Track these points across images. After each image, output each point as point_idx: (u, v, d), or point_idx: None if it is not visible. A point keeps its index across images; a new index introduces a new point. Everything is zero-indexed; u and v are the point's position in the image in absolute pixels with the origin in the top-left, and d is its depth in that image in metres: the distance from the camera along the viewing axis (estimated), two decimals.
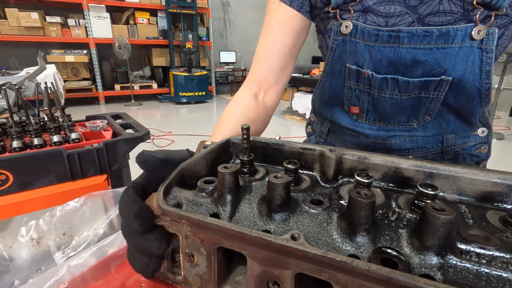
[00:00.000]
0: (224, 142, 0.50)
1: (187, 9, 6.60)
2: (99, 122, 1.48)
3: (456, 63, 0.58)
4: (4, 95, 1.26)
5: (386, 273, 0.24)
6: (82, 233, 0.54)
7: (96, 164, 1.24)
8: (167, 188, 0.38)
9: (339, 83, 0.72)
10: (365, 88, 0.68)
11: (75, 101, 5.95)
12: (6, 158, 1.07)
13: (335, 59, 0.70)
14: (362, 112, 0.73)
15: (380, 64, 0.63)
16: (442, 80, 0.60)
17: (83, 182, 1.22)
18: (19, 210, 1.12)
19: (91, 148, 1.22)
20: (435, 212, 0.27)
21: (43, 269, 0.49)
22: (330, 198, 0.39)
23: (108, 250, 0.48)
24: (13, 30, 5.41)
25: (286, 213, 0.35)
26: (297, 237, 0.28)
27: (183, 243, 0.36)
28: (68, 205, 0.58)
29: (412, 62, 0.60)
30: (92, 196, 0.60)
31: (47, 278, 0.42)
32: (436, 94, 0.63)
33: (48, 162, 1.14)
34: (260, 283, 0.32)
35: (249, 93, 0.75)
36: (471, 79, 0.59)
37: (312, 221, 0.34)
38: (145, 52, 7.17)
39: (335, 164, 0.42)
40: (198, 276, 0.37)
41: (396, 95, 0.66)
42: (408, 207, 0.36)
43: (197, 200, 0.38)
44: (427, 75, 0.61)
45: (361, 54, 0.64)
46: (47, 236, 0.53)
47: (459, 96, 0.62)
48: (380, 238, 0.31)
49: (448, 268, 0.28)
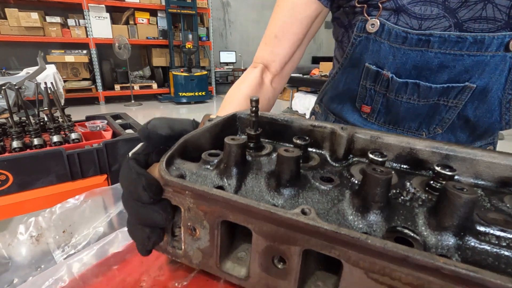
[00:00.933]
0: (230, 116, 0.48)
1: (187, 9, 6.60)
2: (99, 122, 1.49)
3: (485, 71, 0.56)
4: (4, 95, 1.26)
5: (402, 251, 0.22)
6: (82, 231, 0.54)
7: (96, 164, 1.24)
8: (169, 159, 0.36)
9: (355, 79, 0.70)
10: (382, 89, 0.66)
11: (75, 101, 5.94)
12: (6, 158, 1.07)
13: (355, 56, 0.67)
14: (373, 112, 0.71)
15: (403, 68, 0.61)
16: (465, 86, 0.58)
17: (83, 182, 1.23)
18: (19, 210, 1.13)
19: (91, 148, 1.23)
20: (457, 191, 0.26)
21: (43, 267, 0.50)
22: (341, 176, 0.38)
23: (109, 249, 0.49)
24: (13, 30, 5.41)
25: (295, 189, 0.34)
26: (308, 212, 0.27)
27: (185, 216, 0.34)
28: (68, 203, 0.58)
29: (439, 68, 0.58)
30: (92, 194, 0.60)
31: (46, 276, 0.42)
32: (456, 102, 0.61)
33: (48, 162, 1.14)
34: (265, 259, 0.31)
35: (256, 72, 0.73)
36: (494, 88, 0.57)
37: (322, 198, 0.33)
38: (145, 52, 7.17)
39: (346, 142, 0.41)
40: (200, 250, 0.35)
41: (413, 100, 0.64)
42: (422, 188, 0.35)
43: (201, 173, 0.36)
44: (451, 81, 0.59)
45: (384, 56, 0.61)
46: (47, 233, 0.53)
47: (479, 108, 0.60)
48: (394, 217, 0.30)
49: (466, 250, 0.27)
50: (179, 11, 6.53)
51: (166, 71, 6.96)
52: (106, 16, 6.08)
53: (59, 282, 0.42)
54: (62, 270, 0.43)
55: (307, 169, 0.39)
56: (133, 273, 0.44)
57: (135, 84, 6.63)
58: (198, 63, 7.13)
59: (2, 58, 5.81)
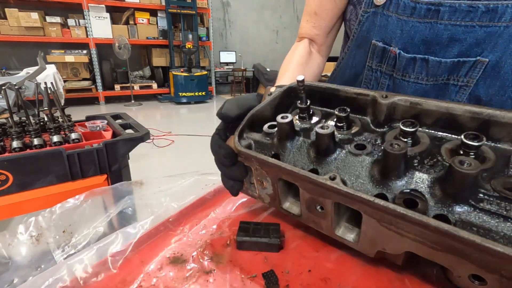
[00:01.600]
0: (285, 89, 0.54)
1: (187, 9, 6.60)
2: (99, 122, 1.49)
3: (498, 43, 0.52)
4: (4, 95, 1.26)
5: (400, 210, 0.30)
6: (82, 231, 0.54)
7: (96, 164, 1.24)
8: (240, 132, 0.48)
9: (361, 61, 0.70)
10: (388, 69, 0.64)
11: (75, 101, 5.95)
12: (6, 158, 1.07)
13: (361, 34, 0.66)
14: None
15: (411, 42, 0.59)
16: (476, 61, 0.55)
17: (83, 182, 1.22)
18: (19, 210, 1.12)
19: (91, 148, 1.22)
20: (458, 167, 0.29)
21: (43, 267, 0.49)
22: (375, 143, 0.42)
23: (109, 249, 0.48)
24: (13, 30, 5.42)
25: (331, 157, 0.42)
26: (334, 178, 0.36)
27: (255, 173, 0.48)
28: (68, 203, 0.58)
29: (449, 41, 0.55)
30: (92, 194, 0.60)
31: (46, 277, 0.42)
32: (467, 80, 0.57)
33: (48, 162, 1.14)
34: (309, 205, 0.43)
35: (304, 44, 0.81)
36: (508, 63, 0.54)
37: (352, 163, 0.40)
38: (145, 52, 7.17)
39: (386, 109, 0.43)
40: (268, 195, 0.50)
41: (421, 80, 0.61)
42: (448, 155, 0.37)
43: (263, 142, 0.48)
44: (461, 55, 0.56)
45: (392, 30, 0.60)
46: (47, 233, 0.53)
47: (491, 86, 0.57)
48: (409, 182, 0.36)
49: (461, 214, 0.31)
50: (179, 11, 6.53)
51: (166, 71, 6.96)
52: (106, 16, 6.08)
53: (59, 282, 0.42)
54: (63, 270, 0.43)
55: (347, 135, 0.45)
56: (133, 273, 0.44)
57: (135, 84, 6.63)
58: (198, 63, 7.13)
59: (2, 58, 5.81)
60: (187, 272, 0.44)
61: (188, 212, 0.59)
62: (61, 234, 0.53)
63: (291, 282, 0.41)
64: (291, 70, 0.74)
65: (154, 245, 0.51)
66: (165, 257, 0.47)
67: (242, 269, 0.44)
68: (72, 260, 0.45)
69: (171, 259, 0.47)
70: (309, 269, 0.44)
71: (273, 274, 0.42)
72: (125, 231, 0.52)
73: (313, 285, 0.41)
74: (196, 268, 0.45)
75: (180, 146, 3.87)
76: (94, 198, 0.60)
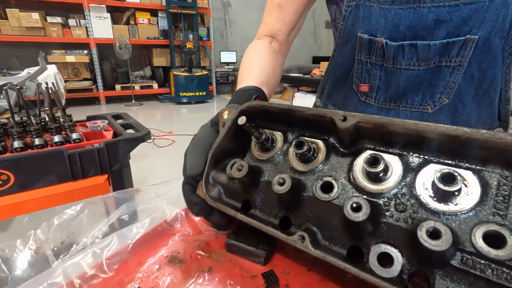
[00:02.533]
0: (237, 114, 0.50)
1: (187, 9, 6.60)
2: (100, 122, 1.49)
3: (485, 19, 0.52)
4: (5, 95, 1.26)
5: (371, 280, 0.31)
6: (80, 240, 0.54)
7: (97, 164, 1.24)
8: (206, 178, 0.49)
9: (350, 56, 0.69)
10: (378, 60, 0.64)
11: (76, 101, 5.95)
12: (7, 158, 1.08)
13: (347, 29, 0.66)
14: (372, 90, 0.68)
15: (397, 30, 0.58)
16: (467, 40, 0.54)
17: (84, 182, 1.23)
18: (20, 210, 1.13)
19: (92, 148, 1.23)
20: (425, 241, 0.28)
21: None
22: (345, 175, 0.39)
23: (104, 251, 0.48)
24: (14, 30, 5.42)
25: (301, 203, 0.40)
26: (303, 239, 0.36)
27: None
28: (65, 214, 0.59)
29: (435, 23, 0.55)
30: (88, 204, 0.60)
31: (41, 280, 0.42)
32: (459, 60, 0.57)
33: (49, 162, 1.14)
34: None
35: (265, 42, 0.76)
36: (498, 37, 0.53)
37: (322, 210, 0.39)
38: (146, 52, 7.17)
39: (349, 133, 0.39)
40: None
41: (413, 66, 0.60)
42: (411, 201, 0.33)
43: (230, 187, 0.48)
44: (450, 36, 0.55)
45: (375, 20, 0.60)
46: (46, 246, 0.53)
47: (484, 61, 0.56)
48: (382, 232, 0.34)
49: (444, 275, 0.31)
50: (180, 11, 6.53)
51: (166, 71, 6.97)
52: (107, 16, 6.08)
53: (53, 286, 0.42)
54: (58, 273, 0.43)
55: (313, 166, 0.42)
56: (130, 274, 0.44)
57: (135, 84, 6.64)
58: (199, 63, 7.12)
59: (3, 58, 5.82)
60: (185, 271, 0.44)
61: (185, 214, 0.59)
62: (59, 245, 0.53)
63: (291, 282, 0.41)
64: (252, 72, 0.67)
65: (151, 246, 0.50)
66: (163, 257, 0.47)
67: (242, 268, 0.44)
68: (67, 263, 0.45)
69: (169, 258, 0.47)
70: (309, 269, 0.44)
71: (273, 274, 0.42)
72: (121, 234, 0.52)
73: (313, 285, 0.41)
74: (194, 267, 0.45)
75: (181, 146, 3.87)
76: (90, 208, 0.60)
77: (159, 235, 0.53)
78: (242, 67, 0.72)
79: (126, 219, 0.58)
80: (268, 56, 0.73)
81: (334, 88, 0.81)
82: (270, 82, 0.69)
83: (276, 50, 0.77)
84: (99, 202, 0.62)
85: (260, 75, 0.66)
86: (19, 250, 0.51)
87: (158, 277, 0.43)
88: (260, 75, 0.66)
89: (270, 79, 0.69)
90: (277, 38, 0.78)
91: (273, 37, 0.78)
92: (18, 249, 0.51)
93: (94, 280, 0.44)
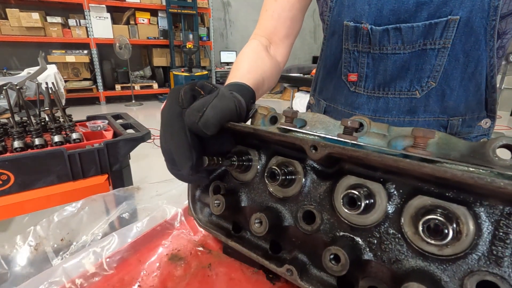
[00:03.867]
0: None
1: (187, 9, 6.60)
2: (100, 122, 1.49)
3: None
4: (5, 95, 1.26)
5: None
6: (80, 238, 0.54)
7: (97, 164, 1.24)
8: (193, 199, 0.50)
9: (338, 47, 0.71)
10: (365, 47, 0.66)
11: (76, 101, 5.95)
12: (7, 158, 1.08)
13: (333, 19, 0.68)
14: (361, 79, 0.69)
15: (381, 15, 0.61)
16: (448, 21, 0.56)
17: (84, 182, 1.23)
18: (20, 210, 1.13)
19: (92, 148, 1.23)
20: None
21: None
22: (327, 203, 0.37)
23: (104, 250, 0.48)
24: (14, 30, 5.42)
25: (287, 232, 0.41)
26: (291, 272, 0.36)
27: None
28: (65, 211, 0.59)
29: (416, 5, 0.57)
30: (89, 201, 0.60)
31: (42, 279, 0.42)
32: (443, 42, 0.59)
33: (49, 162, 1.14)
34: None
35: (259, 44, 0.73)
36: (478, 17, 0.55)
37: (307, 240, 0.38)
38: (146, 52, 7.16)
39: (323, 161, 0.36)
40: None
41: (399, 50, 0.62)
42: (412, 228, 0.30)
43: (214, 220, 0.49)
44: (432, 17, 0.58)
45: (360, 7, 0.62)
46: (45, 242, 0.53)
47: (467, 42, 0.58)
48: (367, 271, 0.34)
49: None
50: (180, 11, 6.52)
51: (166, 71, 6.96)
52: (107, 16, 6.08)
53: (56, 285, 0.42)
54: (59, 272, 0.43)
55: (293, 193, 0.40)
56: (131, 272, 0.44)
57: (135, 84, 6.63)
58: (199, 63, 7.12)
59: (3, 58, 5.81)
60: (186, 268, 0.44)
61: (185, 213, 0.59)
62: (59, 242, 0.53)
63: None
64: (241, 70, 0.65)
65: (151, 244, 0.51)
66: (163, 255, 0.47)
67: (242, 264, 0.44)
68: (68, 263, 0.45)
69: (169, 256, 0.47)
70: None
71: None
72: (121, 233, 0.52)
73: None
74: (194, 264, 0.45)
75: None
76: (91, 205, 0.60)
77: (159, 233, 0.53)
78: (233, 69, 0.68)
79: (127, 218, 0.59)
80: (260, 61, 0.70)
81: (324, 82, 0.81)
82: (258, 80, 0.64)
83: (271, 55, 0.75)
84: (99, 199, 0.62)
85: (249, 72, 0.63)
86: (18, 246, 0.51)
87: (159, 275, 0.43)
88: (249, 72, 0.64)
89: (259, 77, 0.65)
90: (273, 38, 0.76)
91: (269, 39, 0.76)
92: (18, 245, 0.51)
93: (95, 278, 0.44)
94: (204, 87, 0.47)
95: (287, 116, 0.41)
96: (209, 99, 0.42)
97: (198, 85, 0.47)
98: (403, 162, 0.27)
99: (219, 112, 0.41)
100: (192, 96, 0.45)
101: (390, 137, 0.37)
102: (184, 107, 0.43)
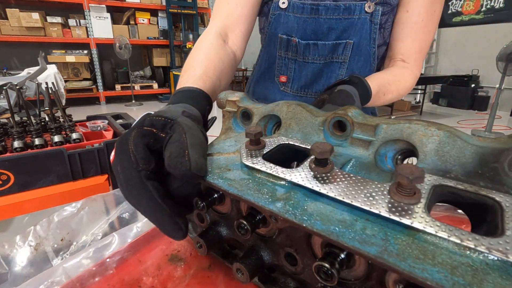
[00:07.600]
0: None
1: (187, 9, 6.60)
2: (100, 122, 1.49)
3: (356, 30, 0.75)
4: (5, 95, 1.26)
5: None
6: (80, 238, 0.54)
7: (97, 164, 1.24)
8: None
9: (273, 53, 0.86)
10: (293, 55, 0.83)
11: (76, 101, 5.95)
12: (7, 158, 1.08)
13: (271, 31, 0.83)
14: (289, 81, 0.86)
15: (305, 33, 0.79)
16: (347, 43, 0.77)
17: (84, 182, 1.23)
18: (20, 210, 1.13)
19: (92, 148, 1.23)
20: None
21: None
22: (302, 246, 0.33)
23: (105, 250, 0.48)
24: (14, 30, 5.42)
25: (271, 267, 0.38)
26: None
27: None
28: (65, 211, 0.58)
29: (328, 30, 0.77)
30: (89, 201, 0.60)
31: (42, 279, 0.42)
32: (343, 58, 0.79)
33: (49, 162, 1.14)
34: None
35: (215, 37, 0.73)
36: (365, 43, 0.77)
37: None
38: (146, 52, 7.17)
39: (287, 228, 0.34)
40: None
41: (316, 60, 0.80)
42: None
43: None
44: (337, 39, 0.78)
45: (291, 25, 0.79)
46: (45, 242, 0.53)
47: (359, 60, 0.79)
48: None
49: None
50: (180, 11, 6.52)
51: (166, 71, 6.96)
52: (107, 16, 6.08)
53: (56, 285, 0.42)
54: (59, 272, 0.43)
55: (270, 239, 0.36)
56: (131, 273, 0.44)
57: (135, 84, 6.63)
58: None
59: (3, 58, 5.81)
60: (186, 269, 0.44)
61: None
62: (59, 242, 0.53)
63: None
64: (191, 73, 0.62)
65: (151, 245, 0.51)
66: (163, 256, 0.47)
67: None
68: (68, 263, 0.45)
69: (169, 257, 0.47)
70: None
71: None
72: (122, 233, 0.52)
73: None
74: (194, 265, 0.45)
75: None
76: (91, 205, 0.60)
77: (159, 234, 0.53)
78: (186, 65, 0.66)
79: (127, 218, 0.59)
80: (215, 53, 0.68)
81: (258, 83, 0.94)
82: (214, 82, 0.62)
83: (228, 45, 0.75)
84: (99, 199, 0.62)
85: (205, 73, 0.60)
86: (18, 246, 0.51)
87: (159, 276, 0.43)
88: (206, 73, 0.61)
89: (215, 79, 0.62)
90: (227, 24, 0.76)
91: (223, 28, 0.76)
92: (18, 245, 0.51)
93: (95, 278, 0.44)
94: (154, 124, 0.39)
95: (251, 139, 0.37)
96: (179, 137, 0.36)
97: (147, 125, 0.39)
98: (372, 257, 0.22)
99: (199, 148, 0.37)
100: (145, 146, 0.37)
101: (378, 142, 0.34)
102: (141, 169, 0.35)
